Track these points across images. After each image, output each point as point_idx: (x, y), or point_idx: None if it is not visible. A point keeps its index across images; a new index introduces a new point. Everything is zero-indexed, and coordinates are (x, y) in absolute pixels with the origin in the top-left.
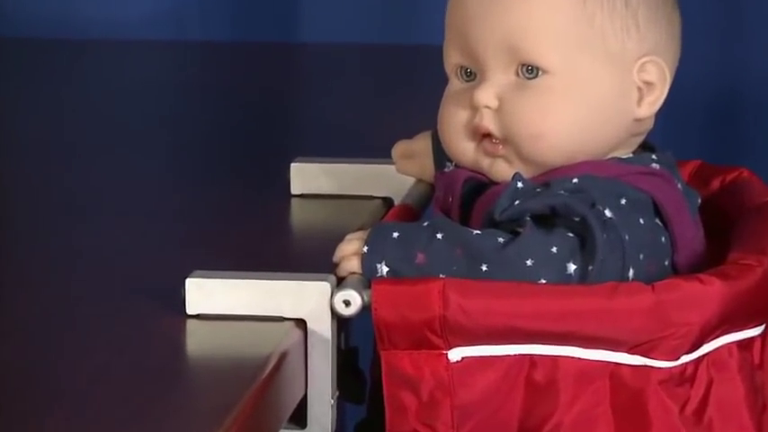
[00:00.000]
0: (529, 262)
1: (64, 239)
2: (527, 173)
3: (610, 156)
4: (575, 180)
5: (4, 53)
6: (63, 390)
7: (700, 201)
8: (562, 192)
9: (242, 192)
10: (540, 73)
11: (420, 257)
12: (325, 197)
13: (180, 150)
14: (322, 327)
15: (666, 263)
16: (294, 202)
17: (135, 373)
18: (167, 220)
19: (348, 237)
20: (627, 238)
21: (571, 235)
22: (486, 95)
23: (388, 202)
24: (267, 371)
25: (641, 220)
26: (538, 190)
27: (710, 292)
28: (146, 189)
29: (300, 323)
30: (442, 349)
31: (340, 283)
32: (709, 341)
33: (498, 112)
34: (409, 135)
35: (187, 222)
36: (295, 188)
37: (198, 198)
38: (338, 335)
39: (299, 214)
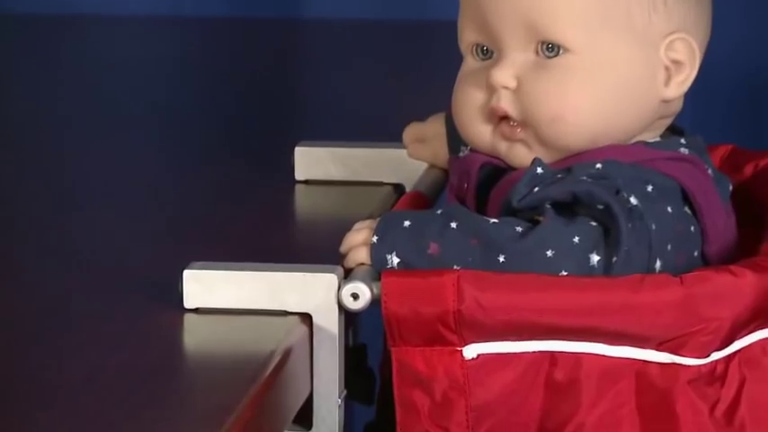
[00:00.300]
0: (549, 253)
1: (53, 229)
2: (547, 158)
3: (635, 140)
4: (598, 165)
5: None
6: (54, 390)
7: (731, 187)
8: (585, 178)
9: (242, 178)
10: (560, 51)
11: (433, 248)
12: (331, 183)
13: (175, 133)
14: (328, 322)
15: (696, 254)
16: (299, 188)
17: (129, 371)
18: (162, 208)
19: (356, 226)
20: (654, 227)
21: (594, 224)
22: (504, 75)
23: (398, 188)
24: (270, 369)
25: (669, 209)
26: (559, 176)
27: (743, 284)
28: (139, 174)
29: (305, 318)
30: (457, 346)
31: (348, 275)
32: (740, 337)
33: (516, 92)
34: (421, 117)
35: (184, 210)
36: (299, 174)
37: (195, 184)
38: (346, 330)
39: (303, 202)
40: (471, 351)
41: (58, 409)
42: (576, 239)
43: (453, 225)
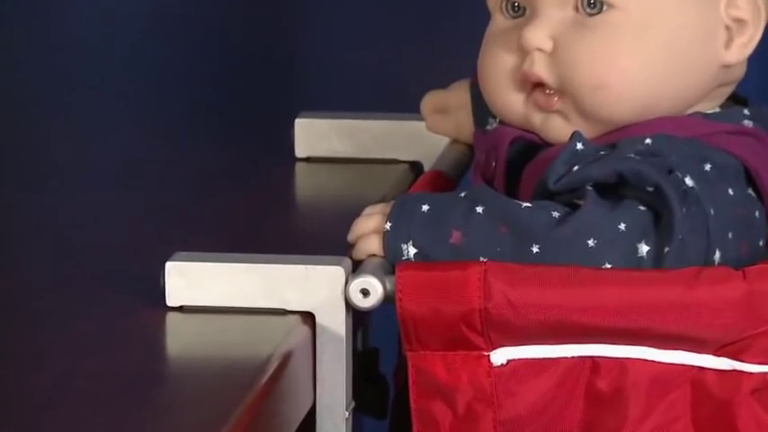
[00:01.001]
0: (591, 242)
1: (15, 215)
2: (588, 131)
3: (691, 111)
4: (648, 141)
5: None
6: (17, 400)
7: None
8: (632, 155)
9: (234, 155)
10: (604, 7)
11: (455, 236)
12: (337, 161)
13: (157, 103)
14: (334, 322)
15: (761, 243)
16: (299, 167)
17: (103, 380)
18: (141, 190)
19: (367, 210)
20: (712, 212)
21: (643, 208)
22: (538, 35)
23: (416, 167)
24: (266, 377)
25: (730, 191)
26: (602, 153)
27: None
28: (114, 151)
29: (308, 318)
30: (483, 350)
31: (356, 267)
32: None
33: (553, 56)
34: (443, 84)
35: (166, 193)
36: (300, 150)
37: (179, 163)
38: (354, 332)
39: (305, 182)
40: (500, 356)
41: (21, 422)
42: (622, 227)
43: (479, 210)
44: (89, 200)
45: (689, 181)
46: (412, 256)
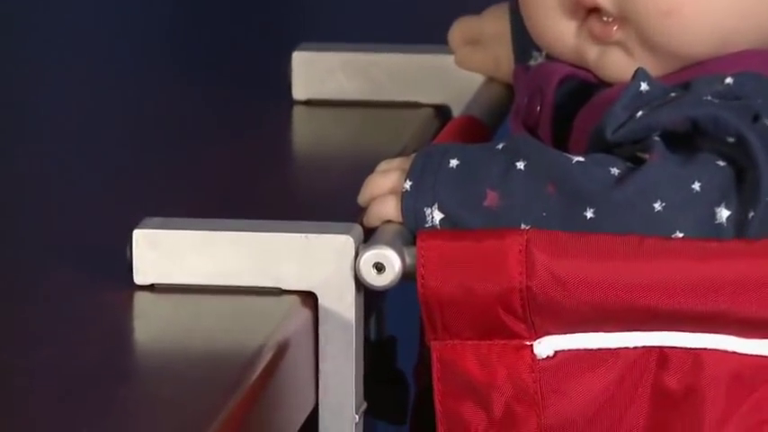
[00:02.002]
0: (657, 205)
1: None
2: (655, 68)
3: None
4: (728, 80)
5: None
6: None
7: None
8: (709, 98)
9: (218, 98)
10: None
11: (491, 198)
12: (344, 105)
13: (127, 36)
14: (341, 305)
15: None
16: (298, 112)
17: (55, 376)
18: (107, 144)
19: (382, 166)
20: None
21: (722, 164)
22: None
23: (442, 111)
24: (257, 373)
25: None
26: (672, 95)
27: None
28: (74, 96)
29: (308, 299)
30: (525, 339)
31: (369, 237)
32: None
33: None
34: (476, 10)
35: (137, 147)
36: (299, 91)
37: (152, 109)
38: (366, 317)
39: (304, 131)
40: (546, 346)
41: None
42: (697, 186)
43: (520, 165)
44: (43, 155)
45: None
46: (437, 222)
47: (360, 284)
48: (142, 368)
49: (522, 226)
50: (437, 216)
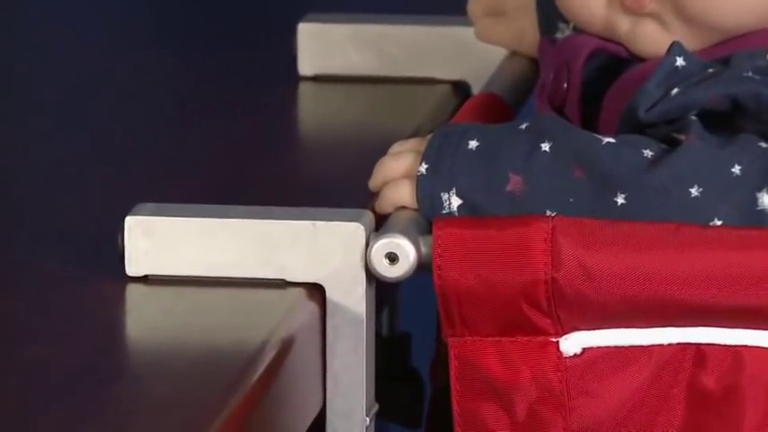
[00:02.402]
0: (695, 191)
1: None
2: (692, 42)
3: None
4: None
5: None
6: None
7: None
8: (750, 74)
9: (218, 73)
10: None
11: (514, 182)
12: (354, 81)
13: (121, 6)
14: (351, 298)
15: None
16: (304, 89)
17: (43, 374)
18: (101, 123)
19: (395, 147)
20: None
21: (765, 145)
22: None
23: (461, 88)
24: (259, 372)
25: None
26: (710, 71)
27: None
28: (70, 70)
29: (315, 292)
30: (551, 335)
31: (381, 224)
32: None
33: None
34: None
35: (132, 127)
36: (305, 65)
37: (147, 86)
38: (378, 312)
39: (311, 110)
40: (573, 343)
41: None
42: (737, 170)
43: (545, 147)
44: (30, 134)
45: None
46: (455, 208)
47: (371, 276)
48: (135, 366)
49: (548, 213)
50: (455, 202)
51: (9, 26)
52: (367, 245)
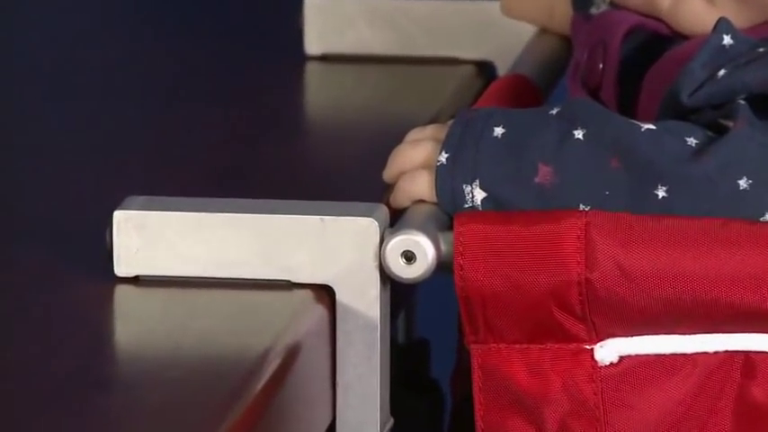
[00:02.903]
0: (743, 182)
1: None
2: (740, 19)
3: None
4: None
5: None
6: None
7: None
8: None
9: (218, 53)
10: None
11: (544, 173)
12: (367, 61)
13: None
14: (363, 301)
15: None
16: (311, 69)
17: (26, 382)
18: (92, 105)
19: (412, 135)
20: None
21: None
22: None
23: (486, 69)
24: (262, 382)
25: None
26: (760, 50)
27: None
28: (65, 46)
29: (324, 294)
30: (585, 342)
31: (396, 219)
32: None
33: None
34: None
35: (123, 112)
36: (312, 44)
37: (142, 67)
38: (393, 317)
39: (319, 93)
40: (609, 351)
41: None
42: None
43: (578, 134)
44: (15, 118)
45: None
46: (479, 202)
47: (385, 277)
48: (126, 375)
49: (581, 207)
50: (478, 195)
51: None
52: (381, 242)
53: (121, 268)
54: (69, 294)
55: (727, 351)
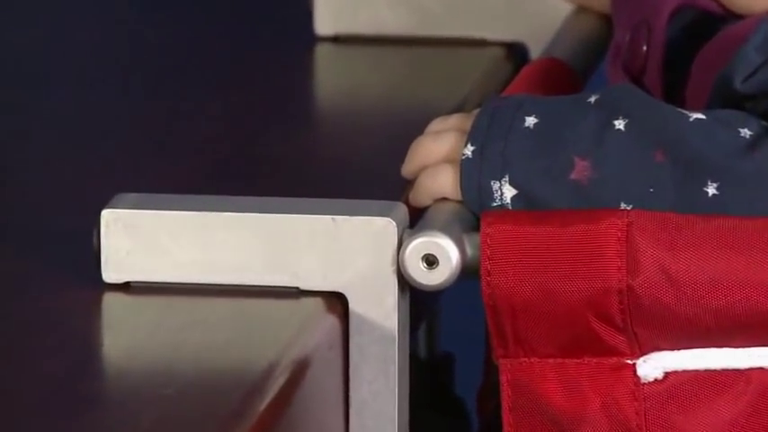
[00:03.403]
0: None
1: None
2: None
3: None
4: None
5: None
6: None
7: None
8: None
9: (220, 33)
10: None
11: (580, 168)
12: (385, 42)
13: None
14: (379, 311)
15: None
16: (322, 52)
17: (6, 397)
18: (83, 94)
19: (434, 126)
20: None
21: None
22: None
23: (517, 52)
24: (268, 398)
25: None
26: None
27: None
28: (60, 27)
29: (336, 302)
30: (626, 356)
31: (417, 220)
32: None
33: None
34: None
35: (120, 99)
36: (323, 23)
37: (139, 50)
38: (414, 328)
39: (331, 77)
40: (653, 366)
41: None
42: None
43: (619, 125)
44: (8, 97)
45: None
46: (508, 200)
47: (404, 283)
48: (113, 393)
49: (622, 205)
50: (508, 192)
51: None
52: (399, 245)
53: (110, 274)
54: (52, 303)
55: None
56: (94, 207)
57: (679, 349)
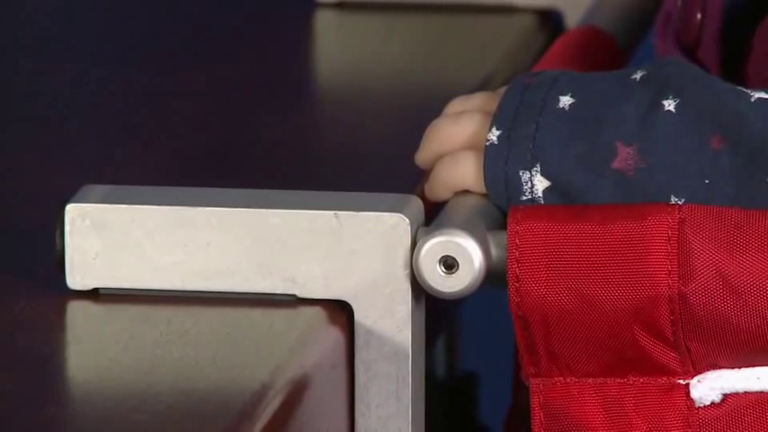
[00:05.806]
0: None
1: None
2: None
3: None
4: None
5: None
6: None
7: None
8: None
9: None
10: None
11: (624, 155)
12: (395, 8)
13: None
14: (390, 322)
15: None
16: (323, 19)
17: None
18: (35, 71)
19: (455, 105)
20: None
21: None
22: None
23: (550, 19)
24: (262, 421)
25: None
26: None
27: None
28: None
29: (339, 312)
30: (678, 376)
31: (433, 216)
32: None
33: None
34: None
35: (94, 76)
36: None
37: (106, 15)
38: (430, 342)
39: (333, 49)
40: (710, 387)
41: None
42: None
43: (670, 105)
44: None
45: None
46: (540, 193)
47: (419, 290)
48: (80, 417)
49: (673, 199)
50: (539, 184)
51: None
52: (413, 246)
53: (76, 279)
54: (6, 314)
55: None
56: (54, 201)
57: (740, 368)
